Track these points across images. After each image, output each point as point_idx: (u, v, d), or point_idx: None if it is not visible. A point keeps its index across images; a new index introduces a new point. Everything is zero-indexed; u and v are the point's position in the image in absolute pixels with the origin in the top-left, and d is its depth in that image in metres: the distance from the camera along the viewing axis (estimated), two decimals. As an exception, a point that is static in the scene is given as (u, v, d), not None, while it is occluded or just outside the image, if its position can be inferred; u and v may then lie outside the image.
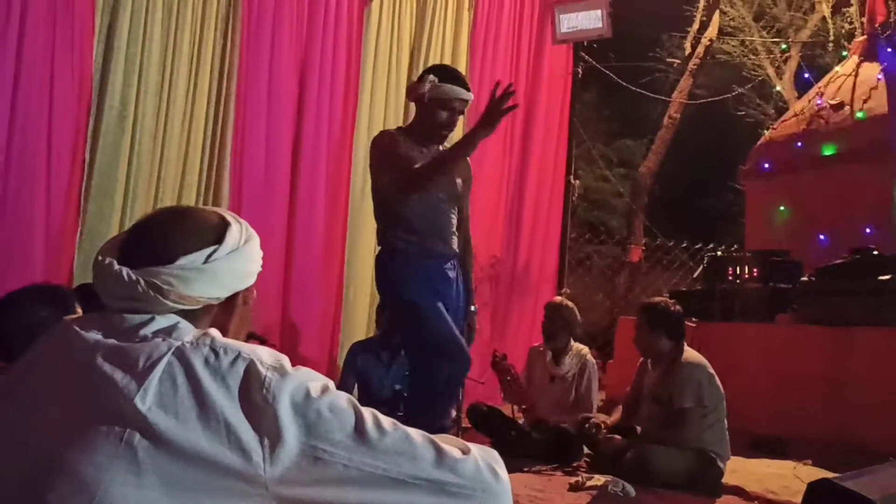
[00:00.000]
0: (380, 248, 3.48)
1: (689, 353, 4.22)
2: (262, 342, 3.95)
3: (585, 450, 4.53)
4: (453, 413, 3.84)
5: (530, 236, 6.67)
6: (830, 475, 2.73)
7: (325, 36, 5.75)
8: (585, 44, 6.96)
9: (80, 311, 2.08)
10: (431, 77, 3.39)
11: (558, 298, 5.47)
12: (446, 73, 3.47)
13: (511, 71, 6.58)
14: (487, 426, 4.66)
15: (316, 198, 5.71)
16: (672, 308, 4.26)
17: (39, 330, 1.22)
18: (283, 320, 5.53)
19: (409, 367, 3.51)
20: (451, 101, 3.41)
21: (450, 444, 1.15)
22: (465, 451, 1.15)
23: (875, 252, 5.44)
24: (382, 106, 6.04)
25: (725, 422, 4.15)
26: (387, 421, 1.12)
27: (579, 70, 7.02)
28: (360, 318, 5.82)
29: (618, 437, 4.32)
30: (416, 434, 1.12)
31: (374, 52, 5.99)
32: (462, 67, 6.33)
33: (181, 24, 5.24)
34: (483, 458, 1.15)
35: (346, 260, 5.82)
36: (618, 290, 11.03)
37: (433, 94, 3.38)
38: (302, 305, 5.60)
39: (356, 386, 4.97)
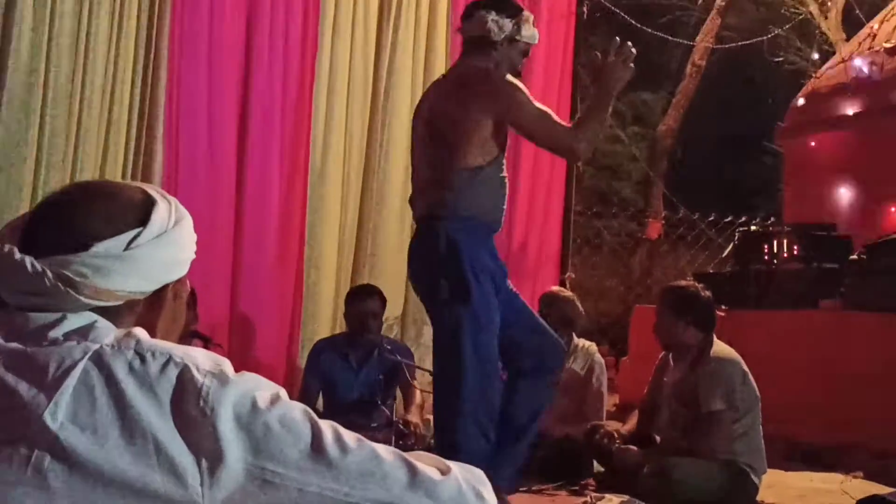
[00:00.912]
0: (440, 217, 3.40)
1: (719, 347, 4.25)
2: (207, 343, 4.13)
3: (595, 464, 4.56)
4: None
5: (527, 210, 6.65)
6: (885, 490, 2.77)
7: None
8: (592, -23, 6.98)
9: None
10: (530, 16, 3.45)
11: (554, 289, 5.47)
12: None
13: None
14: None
15: (269, 170, 5.69)
16: (701, 293, 4.31)
17: None
18: (231, 316, 5.52)
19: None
20: (531, 47, 3.53)
21: (427, 463, 1.16)
22: (445, 471, 1.15)
23: (938, 224, 5.50)
24: (347, 59, 6.01)
25: (760, 428, 4.19)
26: (350, 436, 1.12)
27: (584, 9, 7.00)
28: (323, 312, 5.82)
29: (633, 448, 4.35)
30: (385, 451, 1.13)
31: (335, -3, 5.97)
32: (444, 4, 6.33)
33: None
34: (466, 479, 1.16)
35: (306, 243, 5.82)
36: (633, 272, 11.09)
37: (524, 35, 3.45)
38: (254, 298, 5.59)
39: (321, 393, 4.97)
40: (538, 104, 3.45)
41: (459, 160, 3.37)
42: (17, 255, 1.13)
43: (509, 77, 3.44)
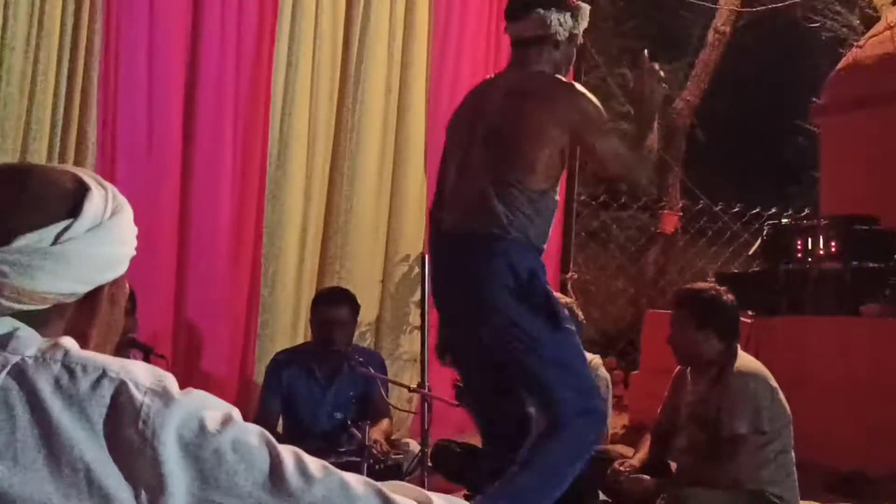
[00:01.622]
0: (501, 238, 3.52)
1: (745, 360, 4.27)
2: (147, 354, 4.12)
3: (602, 496, 4.57)
4: None
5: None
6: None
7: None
8: (597, -71, 6.95)
9: None
10: (585, 5, 3.62)
11: None
12: None
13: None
14: (460, 471, 4.64)
15: (220, 156, 5.72)
16: (723, 297, 4.32)
17: None
18: (175, 323, 5.55)
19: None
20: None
21: (405, 495, 1.17)
22: (425, 503, 1.17)
23: None
24: (311, 30, 6.03)
25: (792, 453, 4.21)
26: (315, 464, 1.13)
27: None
28: (283, 318, 5.85)
29: (646, 477, 4.37)
30: (356, 482, 1.14)
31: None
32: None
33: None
34: (450, 513, 1.17)
35: (264, 238, 5.85)
36: (645, 272, 11.12)
37: (581, 27, 3.62)
38: (202, 302, 5.62)
39: (281, 414, 4.99)
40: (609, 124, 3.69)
41: (530, 181, 3.51)
42: None
43: (587, 92, 3.64)
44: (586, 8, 3.67)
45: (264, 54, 5.85)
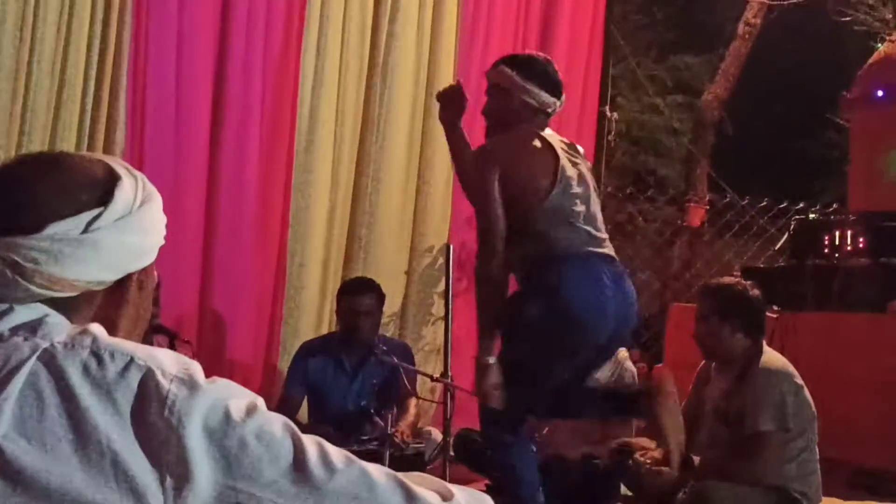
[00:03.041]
0: None
1: (770, 356, 4.25)
2: (173, 339, 4.09)
3: (623, 489, 4.61)
4: None
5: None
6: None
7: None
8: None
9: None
10: None
11: None
12: None
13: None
14: (481, 462, 4.62)
15: (247, 144, 5.70)
16: (749, 292, 4.28)
17: None
18: (201, 309, 5.55)
19: None
20: None
21: (428, 487, 1.17)
22: (447, 496, 1.17)
23: None
24: (339, 24, 5.99)
25: (816, 451, 4.19)
26: (337, 454, 1.14)
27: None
28: (308, 307, 5.84)
29: (667, 469, 4.30)
30: (377, 472, 1.14)
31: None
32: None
33: None
34: (469, 504, 1.17)
35: (290, 227, 5.84)
36: (671, 265, 11.10)
37: None
38: (228, 289, 5.61)
39: (306, 401, 5.01)
40: None
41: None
42: None
43: None
44: None
45: (292, 42, 5.80)
